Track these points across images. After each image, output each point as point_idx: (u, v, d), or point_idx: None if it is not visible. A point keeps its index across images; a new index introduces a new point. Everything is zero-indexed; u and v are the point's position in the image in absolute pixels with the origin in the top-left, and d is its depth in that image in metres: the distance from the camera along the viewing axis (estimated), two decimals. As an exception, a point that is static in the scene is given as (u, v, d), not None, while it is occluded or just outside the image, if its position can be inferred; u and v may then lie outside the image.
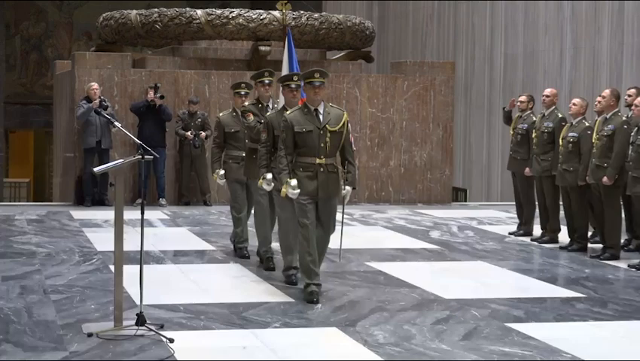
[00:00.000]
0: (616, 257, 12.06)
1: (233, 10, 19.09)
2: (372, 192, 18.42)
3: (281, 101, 10.91)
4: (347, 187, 9.59)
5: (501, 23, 23.07)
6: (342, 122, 9.50)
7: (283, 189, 9.29)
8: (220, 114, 12.14)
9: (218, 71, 18.25)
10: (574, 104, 12.77)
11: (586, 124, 12.56)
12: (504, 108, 14.82)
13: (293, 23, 18.45)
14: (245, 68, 18.46)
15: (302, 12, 19.45)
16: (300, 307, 9.17)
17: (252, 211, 11.59)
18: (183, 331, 8.11)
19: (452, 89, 19.37)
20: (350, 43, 19.89)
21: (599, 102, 12.32)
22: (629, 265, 11.55)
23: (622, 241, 12.64)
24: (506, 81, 22.70)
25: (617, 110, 12.24)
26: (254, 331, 8.23)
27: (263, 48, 18.46)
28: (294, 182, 9.26)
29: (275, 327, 8.42)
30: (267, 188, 10.15)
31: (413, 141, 18.78)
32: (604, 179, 11.79)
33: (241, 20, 18.49)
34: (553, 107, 13.55)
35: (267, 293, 9.87)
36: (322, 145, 9.39)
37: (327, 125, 9.40)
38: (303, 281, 9.53)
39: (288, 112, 9.63)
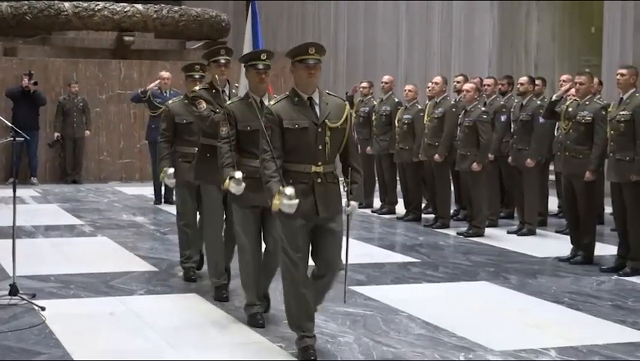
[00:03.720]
0: (446, 226, 12.33)
1: (98, 2, 18.97)
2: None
3: (242, 85, 8.15)
4: (352, 203, 6.31)
5: (344, 18, 23.25)
6: (344, 116, 6.34)
7: (275, 202, 6.07)
8: (170, 102, 9.23)
9: (86, 60, 18.04)
10: (409, 90, 13.02)
11: (419, 107, 12.83)
12: (346, 93, 14.96)
13: (155, 16, 18.51)
14: (111, 56, 18.40)
15: (163, 5, 19.52)
16: (163, 276, 9.15)
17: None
18: (54, 300, 7.97)
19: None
20: (208, 34, 20.16)
21: (431, 88, 12.60)
22: (457, 233, 11.82)
23: (451, 211, 12.94)
24: (349, 71, 22.91)
25: (446, 95, 12.55)
26: (120, 298, 8.16)
27: (127, 38, 18.53)
28: (289, 190, 6.06)
29: (140, 294, 8.38)
30: (236, 191, 6.96)
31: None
32: (436, 156, 12.06)
33: (106, 12, 18.60)
34: (390, 92, 13.78)
35: (132, 263, 9.78)
36: (320, 147, 6.23)
37: (326, 121, 6.24)
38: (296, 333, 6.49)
39: (272, 102, 6.42)
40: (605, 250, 10.34)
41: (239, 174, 6.87)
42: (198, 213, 8.87)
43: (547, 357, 6.46)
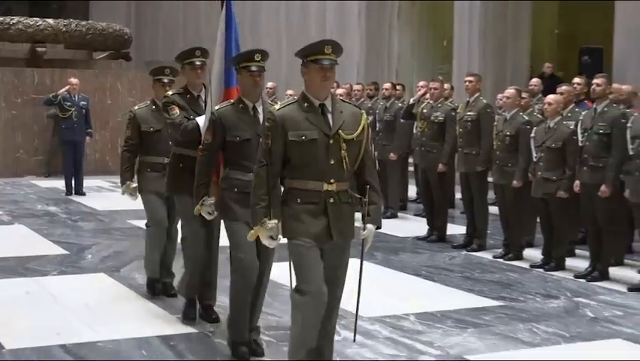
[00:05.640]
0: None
1: (13, 17, 18.68)
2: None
3: (214, 88, 6.12)
4: (369, 226, 4.79)
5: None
6: (361, 127, 4.79)
7: (256, 231, 4.79)
8: (136, 107, 7.35)
9: (2, 68, 17.63)
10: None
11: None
12: None
13: (64, 29, 18.49)
14: (25, 65, 18.14)
15: (71, 20, 19.40)
16: (73, 258, 8.99)
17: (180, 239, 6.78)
18: (-25, 281, 7.82)
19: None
20: (112, 45, 20.07)
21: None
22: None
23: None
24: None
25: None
26: (35, 278, 8.01)
27: (39, 49, 18.36)
28: (271, 224, 4.73)
29: (54, 275, 8.23)
30: (208, 217, 5.83)
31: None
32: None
33: (20, 26, 18.39)
34: (274, 96, 13.76)
35: (46, 248, 9.57)
36: (333, 162, 4.70)
37: (340, 132, 4.71)
38: None
39: (278, 106, 4.88)
40: (456, 230, 10.53)
41: (211, 200, 5.65)
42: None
43: (408, 322, 6.61)
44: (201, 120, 6.06)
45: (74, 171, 14.35)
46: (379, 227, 4.86)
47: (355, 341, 5.41)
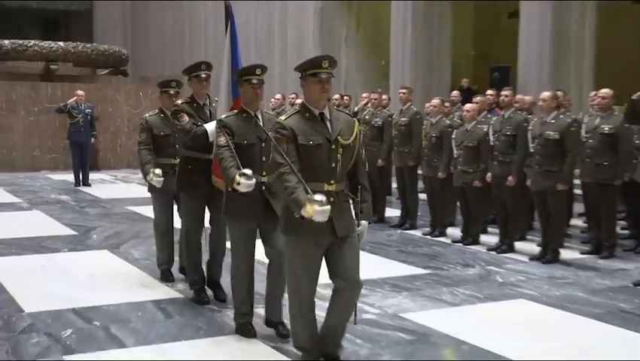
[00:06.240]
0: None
1: (30, 41, 18.57)
2: (130, 162, 17.94)
3: (223, 99, 5.76)
4: (363, 222, 4.49)
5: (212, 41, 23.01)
6: (354, 133, 4.45)
7: (308, 209, 4.08)
8: (147, 115, 6.85)
9: (21, 82, 17.42)
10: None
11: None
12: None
13: (73, 50, 18.47)
14: (40, 80, 17.98)
15: (79, 43, 19.45)
16: (81, 238, 8.89)
17: (207, 241, 6.17)
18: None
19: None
20: (112, 64, 20.01)
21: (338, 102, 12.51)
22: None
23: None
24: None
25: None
26: (49, 255, 7.93)
27: (52, 67, 18.29)
28: (319, 196, 4.11)
29: (65, 251, 8.14)
30: (247, 186, 4.88)
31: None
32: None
33: (36, 48, 18.44)
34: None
35: (58, 229, 9.47)
36: (333, 165, 4.34)
37: (339, 138, 4.35)
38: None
39: (283, 117, 4.46)
40: (392, 213, 10.55)
41: (248, 170, 4.91)
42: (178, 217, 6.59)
43: None
44: (209, 127, 5.76)
45: (81, 166, 14.22)
46: (370, 222, 4.55)
47: (355, 323, 4.75)
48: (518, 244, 8.50)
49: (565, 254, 8.02)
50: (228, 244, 5.38)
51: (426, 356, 4.86)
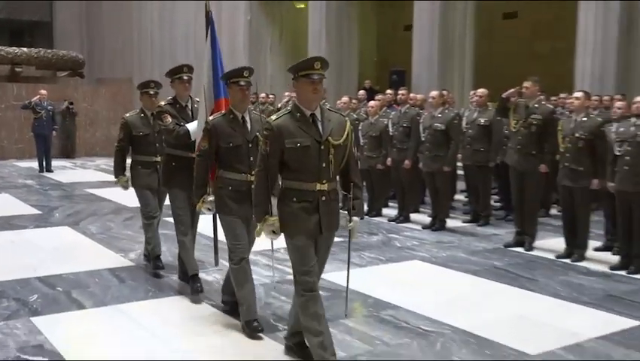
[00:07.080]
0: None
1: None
2: (87, 151, 17.38)
3: (203, 100, 5.02)
4: (354, 218, 3.83)
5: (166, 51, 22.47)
6: (346, 133, 3.80)
7: (260, 226, 3.80)
8: (127, 115, 6.02)
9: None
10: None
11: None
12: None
13: (35, 55, 17.88)
14: (7, 80, 17.27)
15: (41, 49, 18.80)
16: (45, 216, 8.60)
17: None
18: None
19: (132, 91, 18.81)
20: (70, 67, 19.36)
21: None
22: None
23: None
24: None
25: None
26: (17, 231, 7.65)
27: (17, 69, 17.63)
28: (272, 220, 3.76)
29: (31, 228, 7.87)
30: (208, 213, 4.64)
31: (114, 124, 18.00)
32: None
33: (3, 53, 17.83)
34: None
35: (25, 209, 9.10)
36: (324, 165, 3.71)
37: (329, 138, 3.72)
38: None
39: (274, 117, 3.76)
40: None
41: (210, 198, 4.48)
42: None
43: (279, 253, 6.34)
44: (190, 127, 5.18)
45: (45, 155, 13.76)
46: (362, 218, 3.94)
47: (346, 316, 4.47)
48: (413, 216, 8.64)
49: (451, 223, 8.20)
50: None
51: (340, 311, 4.88)
